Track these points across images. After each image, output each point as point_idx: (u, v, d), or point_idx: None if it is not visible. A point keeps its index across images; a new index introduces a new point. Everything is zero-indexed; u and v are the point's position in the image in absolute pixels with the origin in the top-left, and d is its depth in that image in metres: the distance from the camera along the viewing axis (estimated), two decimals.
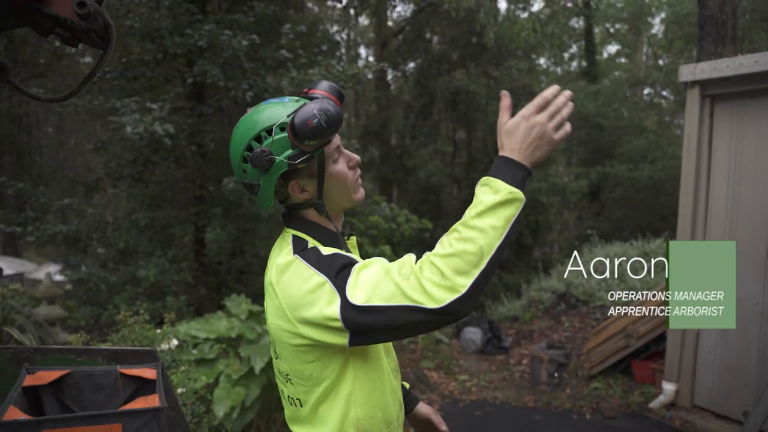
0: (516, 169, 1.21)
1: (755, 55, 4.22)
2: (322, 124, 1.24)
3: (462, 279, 1.11)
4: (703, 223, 4.82)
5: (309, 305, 1.21)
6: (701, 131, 4.58)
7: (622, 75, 23.59)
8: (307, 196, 1.38)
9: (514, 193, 1.17)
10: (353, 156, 1.43)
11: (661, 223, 15.76)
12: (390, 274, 1.16)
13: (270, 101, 1.35)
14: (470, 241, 1.13)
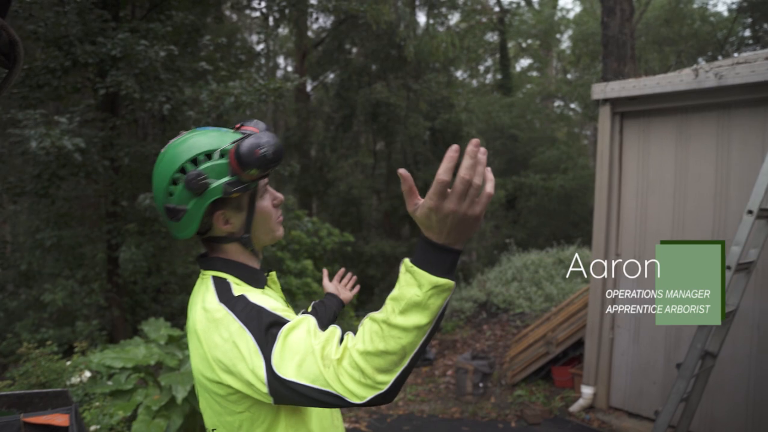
0: (442, 254, 1.07)
1: (657, 78, 4.50)
2: (267, 156, 1.22)
3: (383, 377, 1.05)
4: (616, 233, 5.06)
5: (235, 361, 1.15)
6: (612, 146, 4.82)
7: (534, 88, 24.60)
8: (230, 229, 1.33)
9: (441, 285, 1.05)
10: (278, 195, 1.42)
11: (574, 229, 16.50)
12: (314, 353, 1.08)
13: (209, 128, 1.31)
14: (393, 340, 1.05)
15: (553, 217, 17.29)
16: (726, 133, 4.24)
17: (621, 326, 5.13)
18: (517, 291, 9.35)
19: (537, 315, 8.31)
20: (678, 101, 4.37)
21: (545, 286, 9.29)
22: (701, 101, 4.28)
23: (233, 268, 1.34)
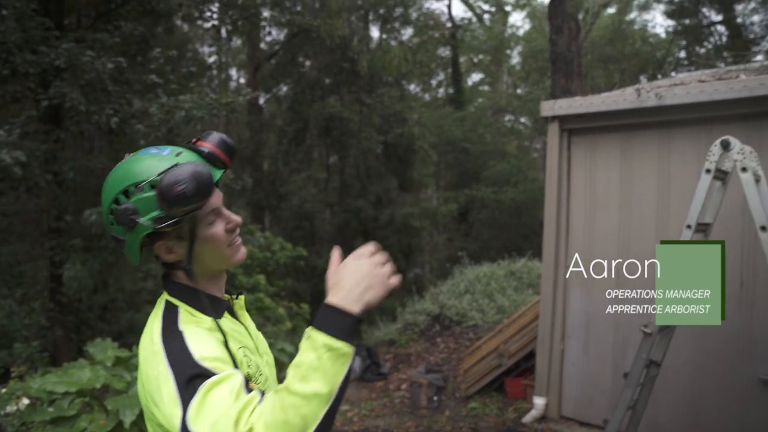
0: (342, 318, 1.07)
1: (602, 96, 4.67)
2: (186, 193, 1.13)
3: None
4: (565, 247, 5.19)
5: (157, 400, 1.13)
6: (561, 162, 4.96)
7: (485, 102, 25.10)
8: (175, 258, 1.27)
9: (337, 349, 1.04)
10: (233, 218, 1.30)
11: (524, 241, 16.81)
12: (229, 418, 1.03)
13: (148, 151, 1.24)
14: (293, 410, 1.01)
15: (504, 229, 17.62)
16: (666, 150, 4.42)
17: (571, 337, 5.24)
18: (469, 303, 9.45)
19: (489, 327, 8.41)
20: (622, 119, 4.54)
21: (497, 298, 9.42)
22: (643, 120, 4.45)
23: (186, 295, 1.29)
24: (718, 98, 4.03)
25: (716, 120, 4.22)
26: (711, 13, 19.53)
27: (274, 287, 8.73)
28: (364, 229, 14.82)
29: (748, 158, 3.31)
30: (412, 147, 15.10)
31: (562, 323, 5.14)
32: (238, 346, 1.27)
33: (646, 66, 20.66)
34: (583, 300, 4.97)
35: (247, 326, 1.42)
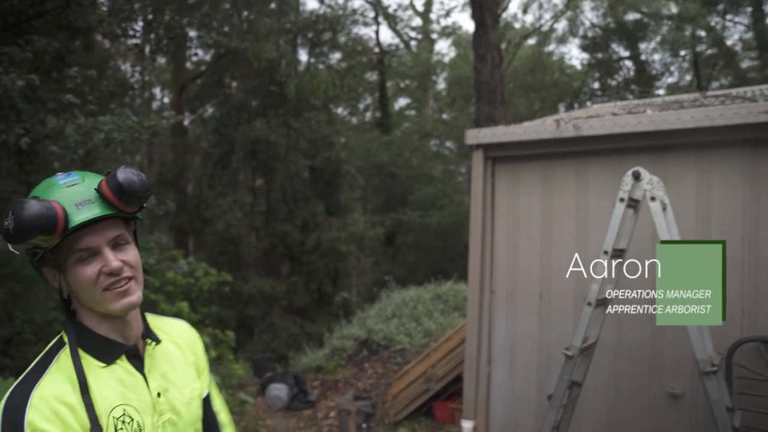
0: None
1: (524, 126, 4.86)
2: (9, 230, 1.09)
3: None
4: (490, 270, 5.31)
5: None
6: (485, 189, 5.10)
7: (411, 127, 25.55)
8: (58, 287, 1.21)
9: None
10: (110, 263, 1.16)
11: (450, 265, 17.10)
12: None
13: (56, 176, 1.20)
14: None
15: (431, 252, 17.86)
16: (584, 178, 4.64)
17: (497, 360, 5.35)
18: (397, 327, 9.49)
19: (417, 351, 8.46)
20: (543, 148, 4.74)
21: (424, 322, 9.51)
22: (563, 149, 4.66)
23: (78, 330, 1.21)
24: (629, 131, 4.29)
25: (628, 151, 4.48)
26: (620, 49, 20.84)
27: (198, 314, 8.43)
28: (290, 254, 14.64)
29: (656, 188, 3.53)
30: (339, 171, 15.13)
31: (488, 346, 5.24)
32: (116, 404, 1.17)
33: (564, 95, 21.73)
34: (507, 323, 5.09)
35: (149, 379, 1.25)
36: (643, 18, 18.17)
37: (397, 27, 25.55)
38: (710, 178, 4.25)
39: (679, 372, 4.25)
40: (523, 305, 4.96)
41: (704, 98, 5.44)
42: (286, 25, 14.89)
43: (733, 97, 5.17)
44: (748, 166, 4.13)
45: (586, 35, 20.85)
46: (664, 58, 20.53)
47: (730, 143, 4.17)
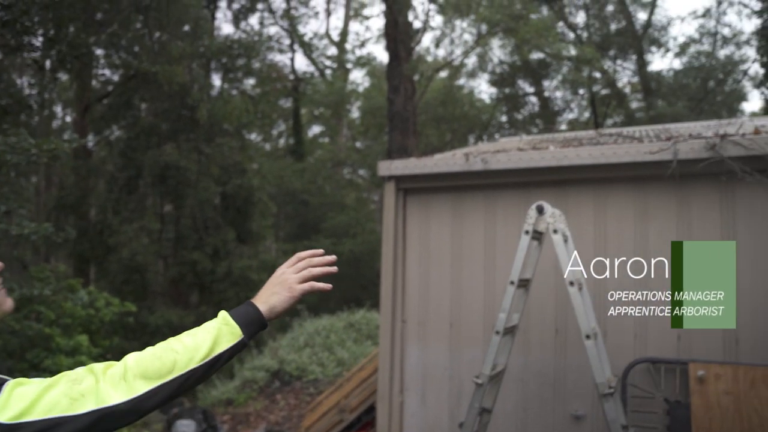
0: (248, 307, 1.27)
1: (435, 158, 5.02)
2: None
3: (141, 383, 1.08)
4: (401, 300, 5.39)
5: None
6: (397, 220, 5.20)
7: (325, 154, 25.65)
8: None
9: (231, 327, 1.20)
10: None
11: (363, 292, 17.15)
12: (58, 385, 1.04)
13: None
14: (170, 352, 1.12)
15: (343, 280, 17.84)
16: (492, 210, 4.84)
17: (409, 389, 5.39)
18: (309, 357, 9.39)
19: (330, 381, 8.39)
20: (453, 181, 4.90)
21: (337, 351, 9.47)
22: (472, 182, 4.84)
23: None
24: (534, 165, 4.53)
25: (533, 184, 4.72)
26: (526, 85, 22.03)
27: (98, 348, 7.96)
28: (200, 283, 14.17)
29: (558, 221, 3.74)
30: (252, 198, 14.89)
31: (400, 375, 5.28)
32: None
33: (473, 127, 22.61)
34: (419, 352, 5.17)
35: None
36: (546, 58, 19.34)
37: (312, 55, 25.76)
38: (606, 211, 4.56)
39: (582, 394, 4.47)
40: (434, 334, 5.06)
41: (600, 136, 5.84)
42: (199, 48, 14.62)
43: (624, 137, 5.58)
44: (638, 201, 4.46)
45: (495, 71, 21.90)
46: (565, 96, 21.93)
47: (623, 179, 4.49)
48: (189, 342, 1.14)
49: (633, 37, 19.77)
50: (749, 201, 4.16)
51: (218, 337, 1.17)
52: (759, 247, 4.11)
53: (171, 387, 1.10)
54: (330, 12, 29.48)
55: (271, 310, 1.30)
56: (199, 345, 1.14)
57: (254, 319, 1.26)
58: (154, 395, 1.07)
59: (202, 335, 1.16)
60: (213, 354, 1.15)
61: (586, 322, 3.60)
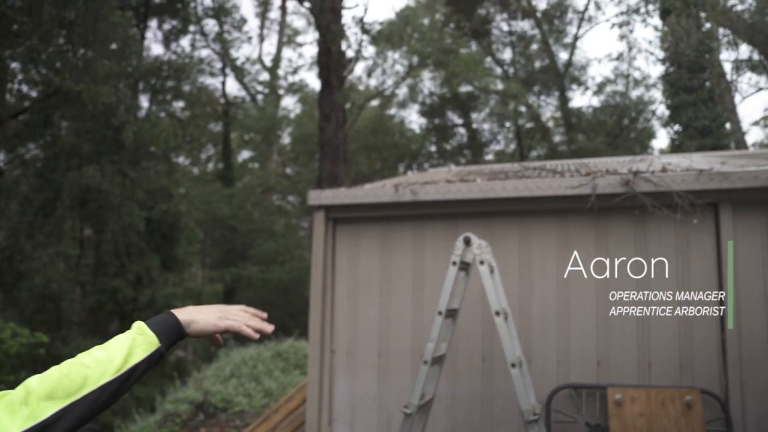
0: (166, 316, 1.21)
1: (365, 189, 5.07)
2: None
3: (46, 404, 0.97)
4: (330, 329, 5.35)
5: None
6: (326, 249, 5.19)
7: (254, 180, 25.33)
8: None
9: (147, 336, 1.13)
10: None
11: (291, 320, 16.90)
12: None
13: None
14: (80, 367, 1.03)
15: (271, 308, 17.50)
16: (420, 241, 4.91)
17: (338, 420, 5.33)
18: (236, 388, 9.12)
19: (257, 412, 8.17)
20: (382, 211, 4.95)
21: (264, 381, 9.25)
22: (401, 213, 4.91)
23: None
24: (461, 197, 4.65)
25: (460, 215, 4.84)
26: (455, 117, 22.66)
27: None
28: (120, 311, 13.55)
29: (484, 252, 3.84)
30: (178, 224, 14.47)
31: (329, 406, 5.22)
32: None
33: (403, 156, 22.96)
34: (348, 382, 5.13)
35: None
36: (475, 91, 20.00)
37: (244, 80, 25.56)
38: (530, 242, 4.72)
39: (508, 421, 4.55)
40: (362, 364, 5.04)
41: (525, 170, 6.07)
42: (127, 68, 14.22)
43: (547, 170, 5.83)
44: (560, 232, 4.65)
45: (425, 102, 22.42)
46: (492, 128, 22.69)
47: (546, 212, 4.68)
48: (101, 355, 1.06)
49: (555, 74, 20.80)
50: (658, 234, 4.43)
51: (133, 348, 1.09)
52: (666, 276, 4.37)
53: (82, 405, 0.99)
54: (263, 37, 29.48)
55: (189, 324, 1.22)
56: (112, 357, 1.06)
57: (172, 326, 1.18)
58: (63, 417, 0.96)
59: (115, 346, 1.08)
60: (128, 365, 1.07)
61: (512, 350, 3.70)
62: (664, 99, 16.08)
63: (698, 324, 4.28)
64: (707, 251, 4.33)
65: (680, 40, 12.23)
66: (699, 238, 4.36)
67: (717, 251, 4.30)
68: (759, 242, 4.24)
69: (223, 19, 22.57)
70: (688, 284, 4.32)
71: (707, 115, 13.44)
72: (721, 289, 4.25)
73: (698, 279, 4.31)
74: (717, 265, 4.29)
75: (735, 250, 4.20)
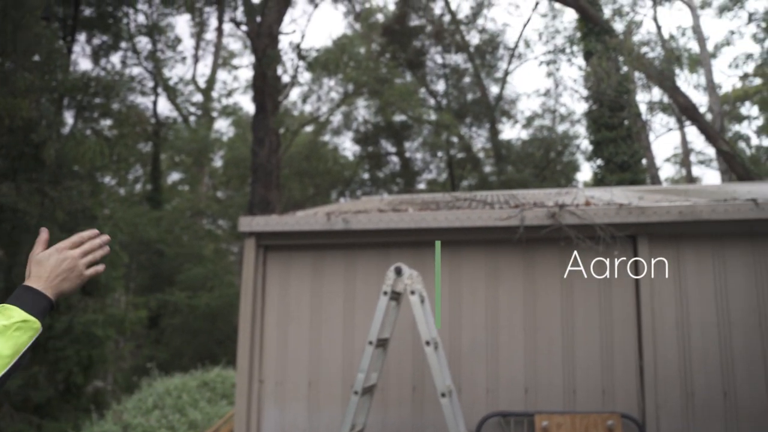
0: (37, 298, 1.24)
1: (297, 216, 5.03)
2: None
3: None
4: (259, 359, 5.23)
5: None
6: (256, 277, 5.09)
7: (184, 203, 24.68)
8: None
9: (30, 322, 1.17)
10: None
11: (219, 348, 16.41)
12: None
13: None
14: None
15: (198, 335, 17.00)
16: (352, 270, 4.90)
17: None
18: (158, 420, 8.73)
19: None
20: (314, 239, 4.92)
21: (189, 413, 8.91)
22: (333, 241, 4.89)
23: None
24: (393, 227, 4.69)
25: (392, 245, 4.87)
26: (388, 145, 22.94)
27: None
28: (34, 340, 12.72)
29: (415, 282, 3.88)
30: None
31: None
32: None
33: (336, 183, 22.99)
34: (277, 413, 5.01)
35: None
36: (408, 120, 20.36)
37: (177, 100, 25.05)
38: (460, 271, 4.80)
39: None
40: (292, 394, 4.94)
41: (456, 201, 6.19)
42: (51, 83, 13.62)
43: (477, 201, 5.97)
44: (489, 263, 4.76)
45: (359, 129, 22.63)
46: (425, 157, 23.10)
47: (476, 242, 4.78)
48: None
49: (486, 107, 21.49)
50: (583, 264, 4.60)
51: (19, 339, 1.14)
52: (589, 306, 4.54)
53: None
54: (198, 58, 29.03)
55: (58, 297, 1.31)
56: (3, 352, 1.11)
57: (46, 307, 1.25)
58: None
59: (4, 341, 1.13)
60: (18, 355, 1.14)
61: (442, 380, 3.72)
62: (587, 134, 16.91)
63: (618, 351, 4.46)
64: (626, 281, 4.54)
65: (601, 81, 12.94)
66: (619, 269, 4.57)
67: (635, 280, 4.51)
68: (672, 273, 4.48)
69: (156, 37, 22.10)
70: (610, 313, 4.51)
71: (626, 151, 14.22)
72: (639, 316, 4.45)
73: (619, 308, 4.51)
74: (635, 294, 4.49)
75: (650, 280, 4.43)
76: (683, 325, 4.42)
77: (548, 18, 23.07)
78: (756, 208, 4.30)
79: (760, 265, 4.42)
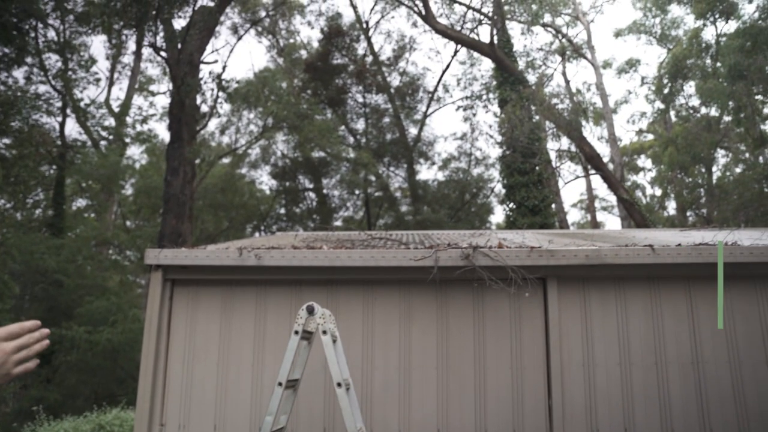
0: None
1: (207, 250, 4.83)
2: None
3: None
4: (161, 401, 4.92)
5: None
6: (162, 312, 4.83)
7: (89, 231, 23.36)
8: None
9: None
10: None
11: (119, 387, 15.41)
12: None
13: None
14: None
15: (97, 373, 15.89)
16: (263, 306, 4.75)
17: None
18: None
19: None
20: (225, 274, 4.74)
21: None
22: (244, 276, 4.73)
23: None
24: (307, 264, 4.59)
25: (305, 282, 4.77)
26: (306, 181, 22.87)
27: None
28: None
29: (327, 321, 3.79)
30: None
31: None
32: None
33: (252, 217, 22.56)
34: None
35: None
36: (327, 157, 20.42)
37: (87, 123, 23.90)
38: (374, 310, 4.75)
39: None
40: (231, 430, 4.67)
41: (371, 239, 6.18)
42: None
43: (393, 240, 5.99)
44: (403, 302, 4.75)
45: (277, 164, 22.45)
46: (342, 194, 23.17)
47: (390, 281, 4.77)
48: None
49: (405, 147, 21.94)
50: (495, 305, 4.68)
51: None
52: (501, 346, 4.60)
53: None
54: (113, 81, 27.98)
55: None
56: None
57: None
58: None
59: None
60: None
61: (353, 422, 3.62)
62: (501, 178, 17.56)
63: (528, 390, 4.53)
64: (536, 322, 4.65)
65: (515, 128, 13.54)
66: (530, 310, 4.68)
67: (545, 322, 4.63)
68: (578, 314, 4.63)
69: (68, 55, 21.11)
70: (521, 353, 4.59)
71: (537, 196, 14.86)
72: (548, 357, 4.56)
73: (529, 348, 4.60)
74: (545, 334, 4.61)
75: (558, 322, 4.56)
76: (589, 365, 4.56)
77: (467, 65, 24.09)
78: (653, 253, 4.55)
79: (657, 307, 4.67)
